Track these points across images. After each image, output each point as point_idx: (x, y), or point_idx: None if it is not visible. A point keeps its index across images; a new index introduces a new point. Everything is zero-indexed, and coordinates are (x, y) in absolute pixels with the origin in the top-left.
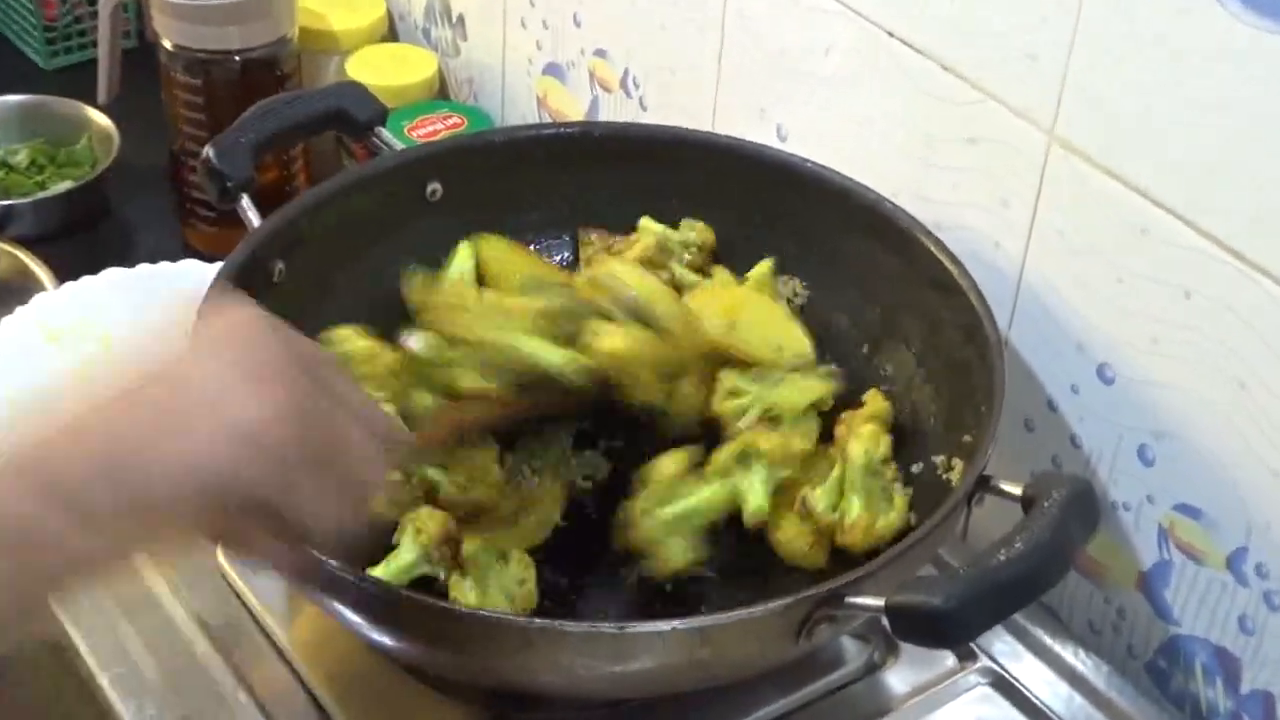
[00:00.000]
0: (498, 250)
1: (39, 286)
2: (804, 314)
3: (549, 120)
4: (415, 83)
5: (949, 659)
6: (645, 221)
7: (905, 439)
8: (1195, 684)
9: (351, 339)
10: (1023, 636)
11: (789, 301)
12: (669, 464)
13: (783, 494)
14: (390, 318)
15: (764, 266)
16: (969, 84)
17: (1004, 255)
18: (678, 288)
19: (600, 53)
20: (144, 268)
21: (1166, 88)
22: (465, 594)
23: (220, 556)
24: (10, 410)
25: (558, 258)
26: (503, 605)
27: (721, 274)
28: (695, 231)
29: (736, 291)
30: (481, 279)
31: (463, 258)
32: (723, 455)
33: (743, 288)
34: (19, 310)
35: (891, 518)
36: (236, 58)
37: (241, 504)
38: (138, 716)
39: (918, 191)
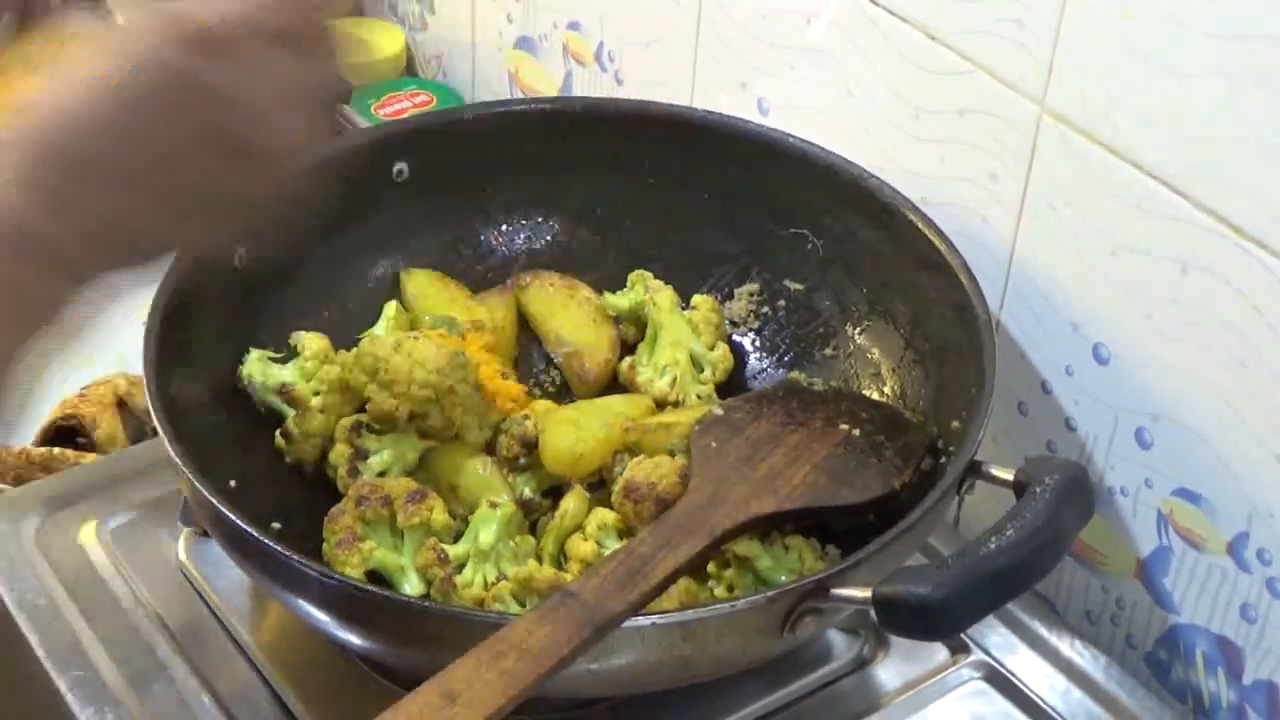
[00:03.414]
0: (421, 286)
1: None
2: (786, 296)
3: (521, 96)
4: (381, 59)
5: (941, 652)
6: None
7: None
8: (1196, 675)
9: (311, 341)
10: (1017, 628)
11: (750, 311)
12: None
13: None
14: (355, 302)
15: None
16: (956, 53)
17: (994, 231)
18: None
19: (574, 25)
20: None
21: (1161, 55)
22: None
23: (182, 554)
24: None
25: (527, 238)
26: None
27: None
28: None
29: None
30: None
31: (388, 315)
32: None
33: None
34: None
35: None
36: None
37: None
38: None
39: (904, 165)
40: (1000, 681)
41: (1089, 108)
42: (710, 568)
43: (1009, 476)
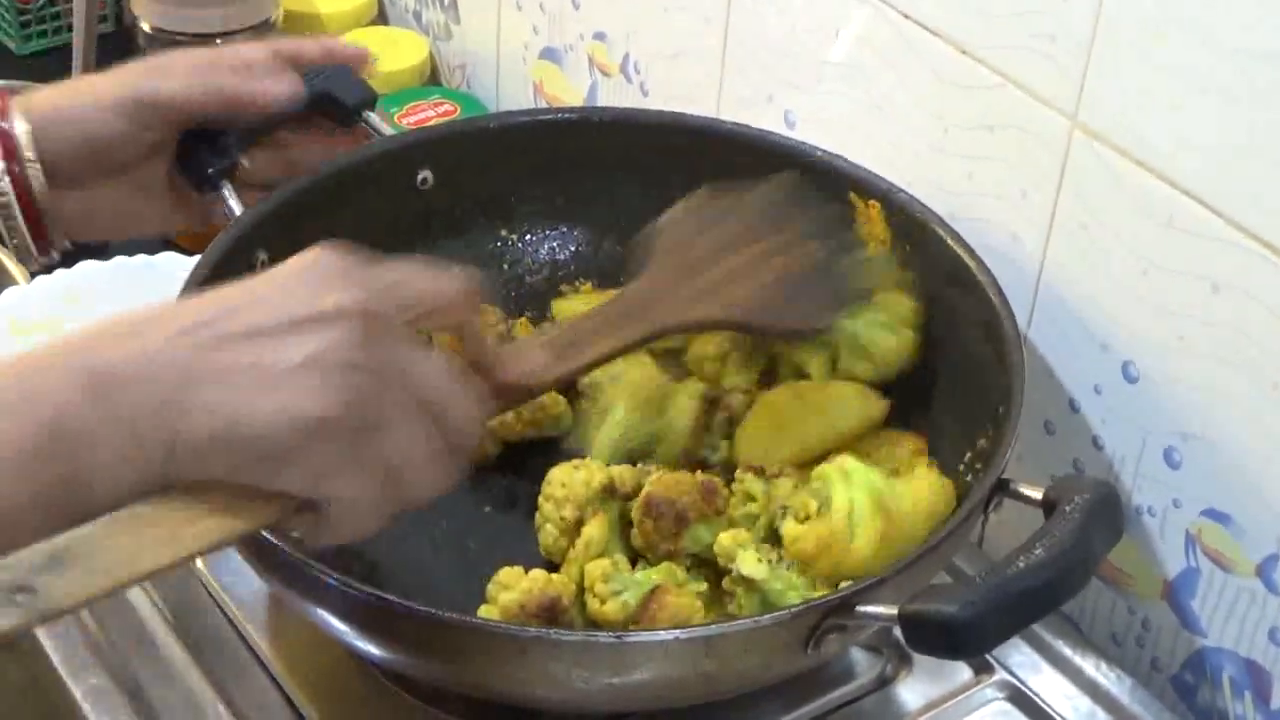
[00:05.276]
0: None
1: (10, 280)
2: None
3: (546, 106)
4: (406, 68)
5: (964, 672)
6: None
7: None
8: (1223, 699)
9: None
10: (1042, 648)
11: None
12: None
13: None
14: None
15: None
16: (987, 67)
17: (1023, 248)
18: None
19: (599, 36)
20: (120, 261)
21: (1194, 71)
22: None
23: (200, 562)
24: None
25: (551, 249)
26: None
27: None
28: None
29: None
30: None
31: None
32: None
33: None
34: None
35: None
36: (218, 41)
37: (264, 484)
38: None
39: (932, 181)
40: (1024, 702)
41: (1121, 124)
42: (725, 583)
43: (1037, 495)
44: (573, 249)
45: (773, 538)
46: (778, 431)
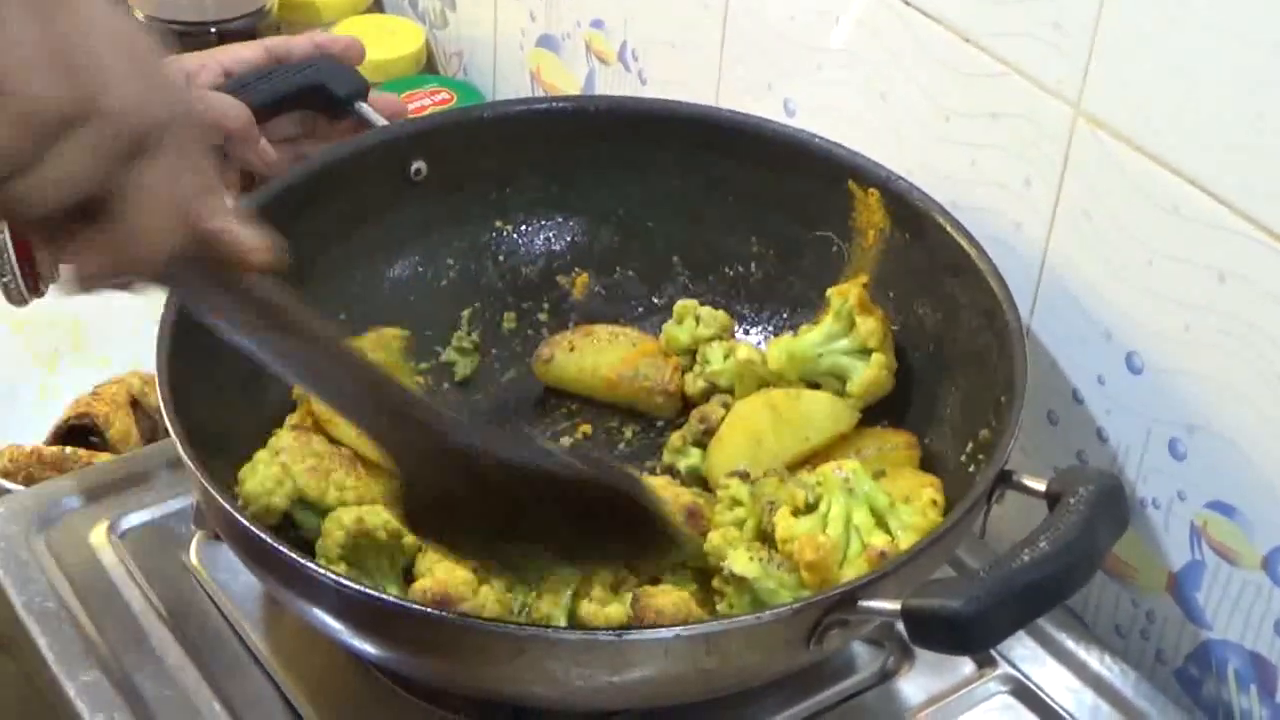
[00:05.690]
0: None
1: None
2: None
3: (542, 95)
4: (401, 56)
5: (967, 666)
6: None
7: (921, 432)
8: (1228, 692)
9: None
10: (1045, 641)
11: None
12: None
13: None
14: (371, 303)
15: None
16: (990, 55)
17: (1026, 237)
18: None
19: (597, 23)
20: None
21: (1199, 59)
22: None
23: (194, 557)
24: None
25: (547, 239)
26: None
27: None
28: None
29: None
30: None
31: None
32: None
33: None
34: None
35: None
36: (213, 29)
37: None
38: None
39: (933, 169)
40: (1027, 696)
41: (1126, 112)
42: (715, 582)
43: (1041, 487)
44: (569, 239)
45: (762, 538)
46: (753, 445)
